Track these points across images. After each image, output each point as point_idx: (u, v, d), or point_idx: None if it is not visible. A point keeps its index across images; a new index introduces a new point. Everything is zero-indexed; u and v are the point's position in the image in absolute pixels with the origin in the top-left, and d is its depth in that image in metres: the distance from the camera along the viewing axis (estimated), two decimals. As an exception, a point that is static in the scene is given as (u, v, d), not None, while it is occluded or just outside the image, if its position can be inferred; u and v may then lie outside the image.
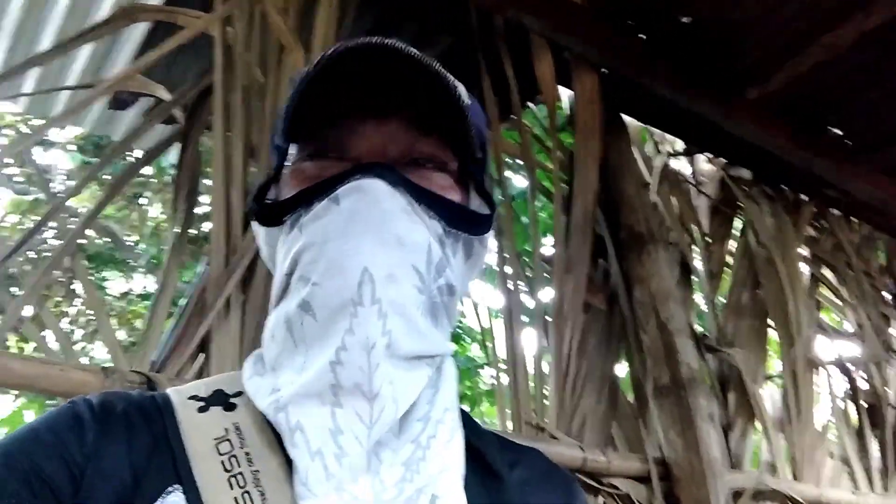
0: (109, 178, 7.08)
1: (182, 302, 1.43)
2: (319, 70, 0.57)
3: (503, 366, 1.90)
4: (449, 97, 0.59)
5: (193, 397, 0.62)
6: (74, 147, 7.01)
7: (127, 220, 7.77)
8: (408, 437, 0.57)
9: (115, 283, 8.01)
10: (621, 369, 2.11)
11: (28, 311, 1.37)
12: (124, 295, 7.71)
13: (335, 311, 0.55)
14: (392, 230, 0.57)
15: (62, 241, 1.45)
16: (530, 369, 1.87)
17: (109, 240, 7.47)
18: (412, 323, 0.57)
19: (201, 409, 0.61)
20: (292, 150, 0.65)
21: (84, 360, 6.93)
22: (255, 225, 0.66)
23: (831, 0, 2.20)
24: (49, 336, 1.47)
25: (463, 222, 0.63)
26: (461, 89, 0.65)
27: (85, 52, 2.22)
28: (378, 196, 0.57)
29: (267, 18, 1.58)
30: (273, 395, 0.57)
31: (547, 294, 2.07)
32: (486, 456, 0.66)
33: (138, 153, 2.11)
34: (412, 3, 2.07)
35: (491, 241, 0.69)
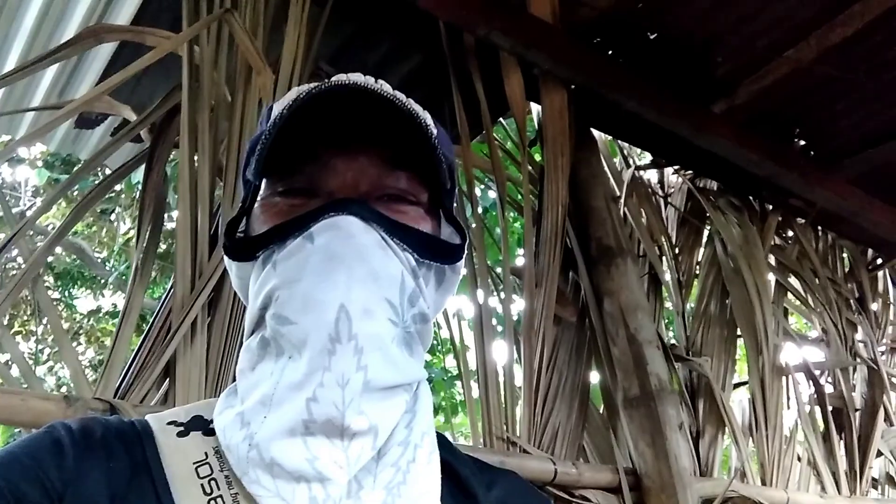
0: (77, 194, 6.99)
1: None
2: (290, 114, 0.58)
3: (475, 378, 1.91)
4: (418, 133, 0.60)
5: (172, 423, 0.63)
6: (41, 163, 6.91)
7: (96, 237, 7.67)
8: (388, 462, 0.58)
9: (84, 300, 7.90)
10: (592, 381, 2.13)
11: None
12: (93, 313, 7.60)
13: (314, 349, 0.55)
14: (367, 265, 0.57)
15: (28, 260, 1.43)
16: (501, 383, 1.88)
17: (78, 257, 7.36)
18: (388, 356, 0.57)
19: (180, 434, 0.61)
20: (263, 182, 0.65)
21: (52, 380, 6.81)
22: (226, 259, 0.66)
23: (793, 16, 2.26)
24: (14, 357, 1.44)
25: (435, 253, 0.64)
26: (428, 119, 0.66)
27: (51, 71, 2.19)
28: (352, 232, 0.58)
29: (235, 39, 1.58)
30: (244, 429, 0.57)
31: (518, 307, 2.08)
32: (462, 476, 0.68)
33: (107, 171, 2.08)
34: (382, 21, 2.08)
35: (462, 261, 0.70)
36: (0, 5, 1.96)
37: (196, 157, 1.53)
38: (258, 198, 0.64)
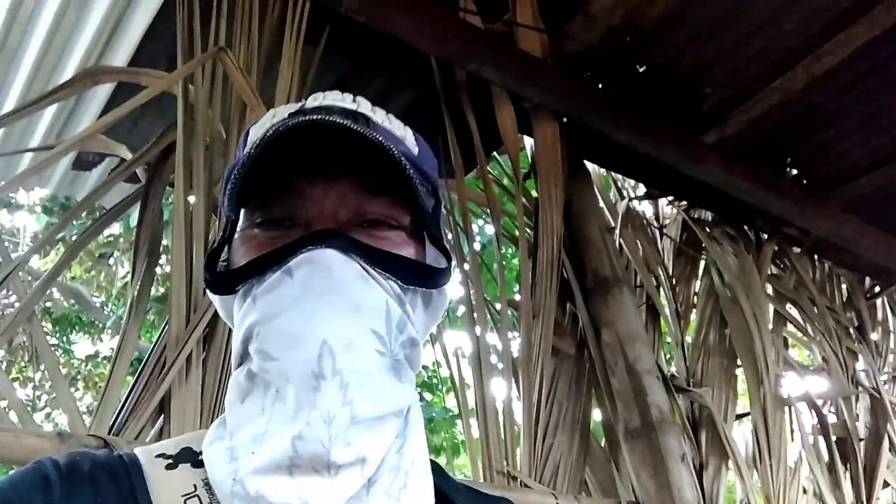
0: (75, 237, 7.00)
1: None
2: (262, 148, 0.57)
3: (474, 415, 1.89)
4: (393, 164, 0.59)
5: (161, 455, 0.62)
6: (40, 209, 6.94)
7: (94, 281, 7.66)
8: (379, 489, 0.57)
9: (82, 345, 7.85)
10: (593, 413, 2.11)
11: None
12: (91, 358, 7.55)
13: (298, 387, 0.54)
14: (348, 298, 0.57)
15: (22, 299, 1.43)
16: (500, 417, 1.86)
17: (76, 302, 7.34)
18: (375, 388, 0.57)
19: (169, 467, 0.60)
20: (242, 212, 0.64)
21: (49, 426, 6.74)
22: (209, 293, 0.66)
23: (779, 47, 2.30)
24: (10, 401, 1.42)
25: (420, 278, 0.63)
26: (408, 140, 0.66)
27: (49, 114, 2.22)
28: (331, 265, 0.57)
29: (229, 77, 1.60)
30: (231, 464, 0.56)
31: (516, 341, 2.07)
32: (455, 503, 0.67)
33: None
34: (375, 58, 2.11)
35: (458, 288, 0.69)
36: (1, 39, 1.99)
37: (191, 194, 1.54)
38: (237, 229, 0.64)
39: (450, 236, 2.16)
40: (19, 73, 2.12)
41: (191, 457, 0.62)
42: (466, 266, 2.06)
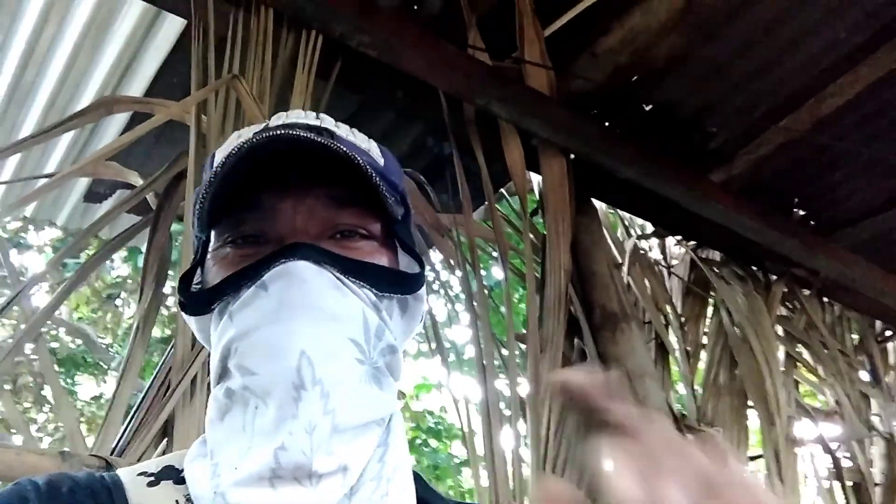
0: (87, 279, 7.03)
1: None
2: (227, 169, 0.58)
3: (482, 462, 1.85)
4: (359, 174, 0.59)
5: (143, 473, 0.62)
6: (50, 248, 6.99)
7: (101, 322, 7.66)
8: (361, 498, 0.57)
9: (87, 386, 7.81)
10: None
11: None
12: (95, 399, 7.50)
13: (279, 399, 0.54)
14: (324, 308, 0.57)
15: (29, 323, 1.42)
16: (509, 460, 1.83)
17: (82, 342, 7.33)
18: (356, 397, 0.57)
19: (150, 484, 0.60)
20: (213, 233, 0.64)
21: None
22: (182, 314, 0.66)
23: (784, 87, 2.33)
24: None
25: (394, 285, 0.63)
26: (373, 152, 0.66)
27: (63, 145, 2.26)
28: (305, 277, 0.57)
29: (242, 104, 1.62)
30: (213, 479, 0.56)
31: (524, 382, 2.05)
32: None
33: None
34: (386, 93, 2.14)
35: (465, 330, 0.69)
36: (18, 76, 2.03)
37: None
38: (209, 249, 0.64)
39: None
40: (35, 104, 2.17)
41: (172, 474, 0.62)
42: (475, 305, 2.05)
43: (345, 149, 0.58)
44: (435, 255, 3.02)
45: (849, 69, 2.25)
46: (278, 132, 0.58)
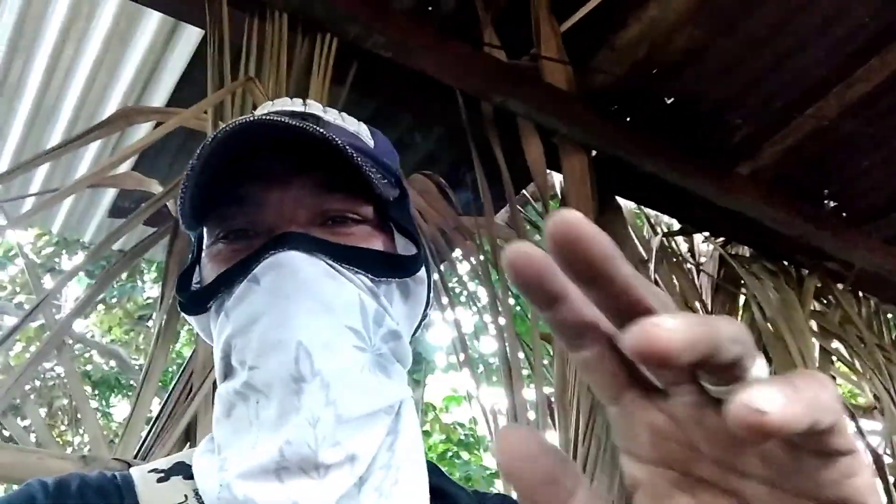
0: (115, 300, 7.12)
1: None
2: (203, 161, 0.57)
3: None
4: (342, 157, 0.58)
5: (154, 470, 0.62)
6: (82, 272, 7.10)
7: (133, 342, 7.76)
8: (370, 486, 0.56)
9: (121, 408, 7.91)
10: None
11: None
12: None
13: (280, 392, 0.54)
14: (318, 297, 0.56)
15: (53, 330, 1.43)
16: None
17: (115, 364, 7.43)
18: (358, 385, 0.56)
19: (160, 480, 0.60)
20: (205, 230, 0.64)
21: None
22: (184, 315, 0.65)
23: (809, 74, 2.28)
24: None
25: (390, 269, 0.61)
26: (363, 135, 0.65)
27: (87, 159, 2.29)
28: (296, 267, 0.56)
29: (258, 106, 1.62)
30: (220, 473, 0.55)
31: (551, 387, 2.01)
32: (452, 495, 0.65)
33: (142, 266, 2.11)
34: (402, 95, 2.14)
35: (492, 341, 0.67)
36: (41, 94, 2.06)
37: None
38: (203, 247, 0.63)
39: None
40: (59, 120, 2.20)
41: (182, 469, 0.61)
42: (499, 307, 2.03)
43: (322, 131, 0.57)
44: (461, 267, 3.01)
45: (875, 54, 2.19)
46: (258, 119, 0.58)
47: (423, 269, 0.65)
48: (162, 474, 0.61)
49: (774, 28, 2.15)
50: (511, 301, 2.22)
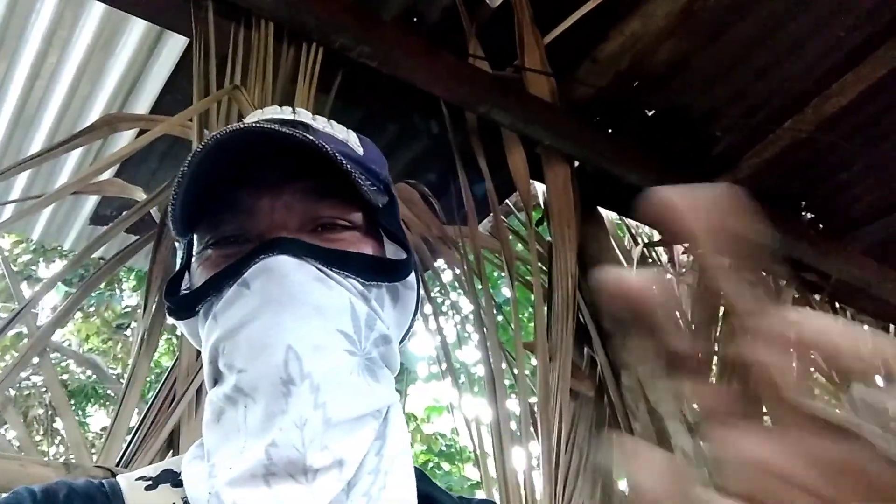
0: (93, 308, 7.04)
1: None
2: (194, 169, 0.57)
3: (495, 484, 1.82)
4: (330, 163, 0.58)
5: (141, 478, 0.62)
6: (60, 281, 7.01)
7: (111, 352, 7.67)
8: (358, 491, 0.56)
9: (98, 417, 7.80)
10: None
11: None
12: (106, 429, 7.49)
13: (268, 395, 0.54)
14: (307, 302, 0.56)
15: (34, 337, 1.42)
16: (521, 480, 1.80)
17: (93, 372, 7.34)
18: (348, 388, 0.56)
19: (148, 488, 0.61)
20: (195, 237, 0.65)
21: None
22: (173, 319, 0.65)
23: (787, 90, 2.32)
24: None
25: (380, 273, 0.62)
26: (352, 142, 0.66)
27: (70, 165, 2.27)
28: (286, 271, 0.57)
29: (243, 115, 1.63)
30: (209, 480, 0.55)
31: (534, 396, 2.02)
32: (439, 501, 0.66)
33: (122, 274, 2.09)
34: (388, 105, 2.15)
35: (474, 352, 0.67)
36: (23, 100, 2.05)
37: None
38: (193, 253, 0.64)
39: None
40: (41, 127, 2.18)
41: (170, 477, 0.62)
42: (483, 316, 2.03)
43: (312, 138, 0.57)
44: (445, 276, 3.01)
45: (851, 68, 2.24)
46: (248, 126, 0.58)
47: (413, 274, 0.65)
48: (150, 482, 0.61)
49: (754, 43, 2.19)
50: (494, 311, 2.23)
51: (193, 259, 0.63)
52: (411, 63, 1.93)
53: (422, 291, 0.69)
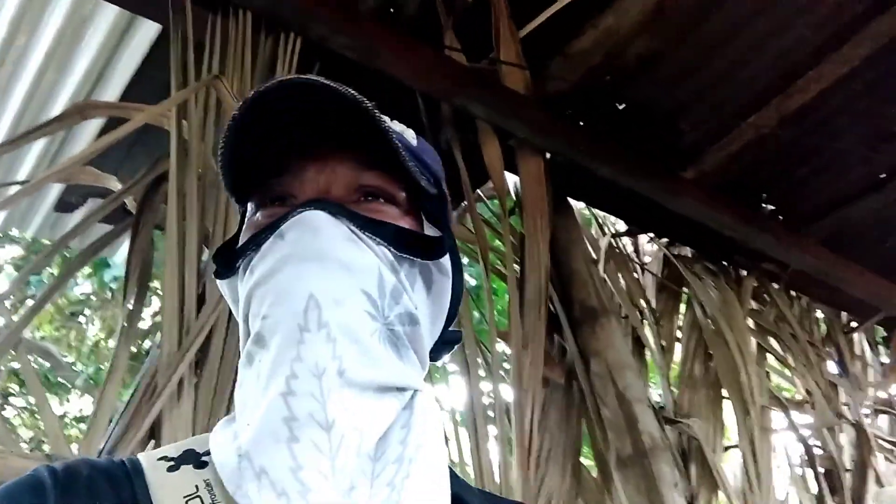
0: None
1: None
2: (239, 121, 0.59)
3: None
4: (379, 130, 0.59)
5: (163, 458, 0.61)
6: (12, 267, 6.83)
7: (65, 340, 7.50)
8: (382, 481, 0.55)
9: (53, 406, 7.63)
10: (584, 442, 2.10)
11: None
12: (60, 418, 7.32)
13: (281, 339, 0.54)
14: (336, 256, 0.57)
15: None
16: (496, 464, 1.83)
17: (45, 361, 7.17)
18: (365, 348, 0.56)
19: (171, 469, 0.59)
20: (249, 206, 0.66)
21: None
22: (218, 283, 0.66)
23: (752, 86, 2.39)
24: None
25: (413, 247, 0.62)
26: (408, 134, 0.67)
27: (35, 152, 2.22)
28: (319, 225, 0.58)
29: (223, 104, 1.62)
30: (235, 442, 0.55)
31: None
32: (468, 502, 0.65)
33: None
34: (366, 95, 2.14)
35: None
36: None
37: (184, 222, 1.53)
38: (246, 218, 0.65)
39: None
40: (7, 111, 2.13)
41: (193, 458, 0.61)
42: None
43: (358, 97, 0.58)
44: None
45: (813, 67, 2.32)
46: (289, 79, 0.59)
47: (448, 260, 0.65)
48: (172, 462, 0.60)
49: (721, 41, 2.25)
50: (469, 299, 2.26)
51: (244, 226, 0.65)
52: (388, 54, 1.94)
53: (461, 290, 0.68)
